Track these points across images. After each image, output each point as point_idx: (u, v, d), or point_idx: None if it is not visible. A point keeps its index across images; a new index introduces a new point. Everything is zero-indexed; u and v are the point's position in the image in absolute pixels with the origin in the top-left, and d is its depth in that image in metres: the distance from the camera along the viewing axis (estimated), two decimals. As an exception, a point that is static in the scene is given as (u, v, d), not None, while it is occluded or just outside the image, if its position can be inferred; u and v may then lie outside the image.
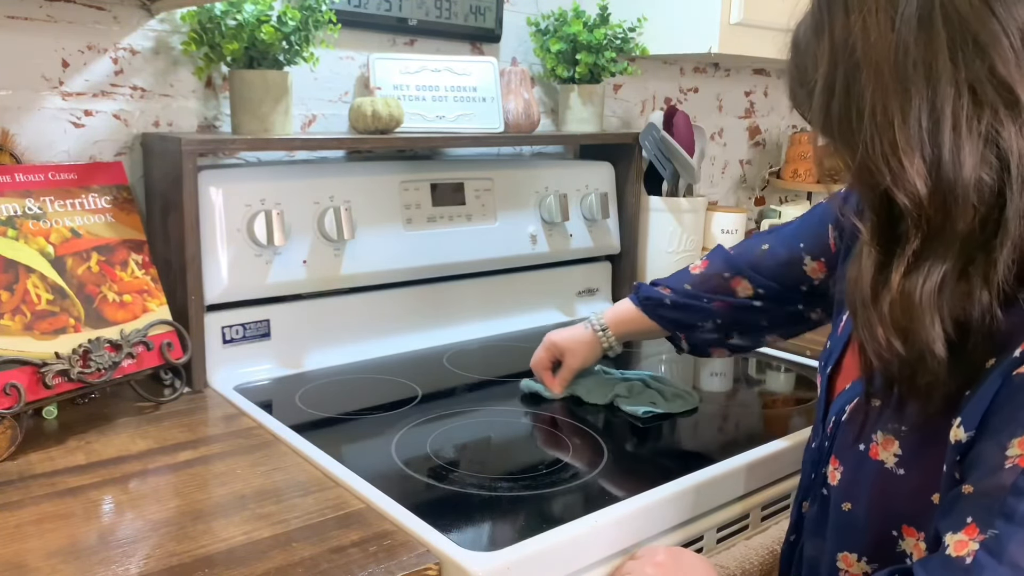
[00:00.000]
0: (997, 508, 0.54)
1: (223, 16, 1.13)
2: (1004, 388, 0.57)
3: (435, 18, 1.43)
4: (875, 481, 0.67)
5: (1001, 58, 0.53)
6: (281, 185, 1.18)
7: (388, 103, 1.24)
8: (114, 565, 0.70)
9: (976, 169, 0.54)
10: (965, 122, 0.54)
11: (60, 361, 0.93)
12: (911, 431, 0.64)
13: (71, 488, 0.83)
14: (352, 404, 1.09)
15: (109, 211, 1.07)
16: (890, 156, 0.56)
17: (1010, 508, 0.54)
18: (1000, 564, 0.53)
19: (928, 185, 0.55)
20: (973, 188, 0.54)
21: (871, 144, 0.57)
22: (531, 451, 0.98)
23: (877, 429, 0.67)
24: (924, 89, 0.55)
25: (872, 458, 0.66)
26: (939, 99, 0.54)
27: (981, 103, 0.54)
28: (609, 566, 0.80)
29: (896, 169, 0.56)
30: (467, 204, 1.37)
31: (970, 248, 0.56)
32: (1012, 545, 0.53)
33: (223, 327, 1.15)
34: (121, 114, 1.17)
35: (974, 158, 0.54)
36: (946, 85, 0.54)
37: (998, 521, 0.54)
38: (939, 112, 0.55)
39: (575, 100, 1.55)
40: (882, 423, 0.66)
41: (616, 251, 1.60)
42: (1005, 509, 0.54)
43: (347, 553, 0.72)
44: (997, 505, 0.55)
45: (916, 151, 0.55)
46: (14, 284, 0.95)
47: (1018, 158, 0.54)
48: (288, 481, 0.86)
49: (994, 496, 0.55)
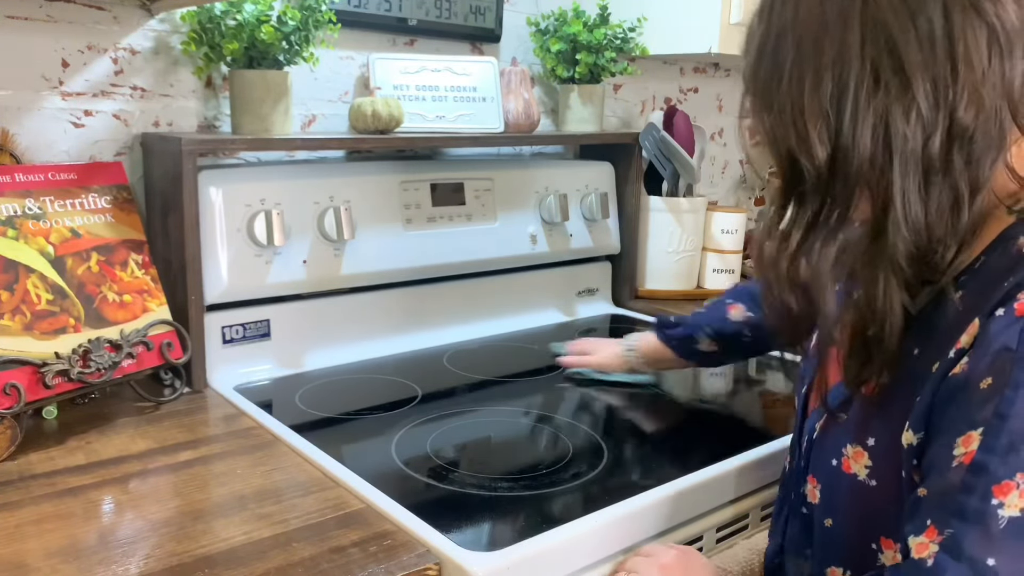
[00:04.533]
0: (950, 507, 0.56)
1: (223, 16, 1.13)
2: (943, 389, 0.59)
3: (435, 18, 1.43)
4: (851, 494, 0.68)
5: (903, 46, 0.57)
6: (281, 185, 1.18)
7: (388, 103, 1.24)
8: (114, 565, 0.70)
9: (871, 144, 0.58)
10: (864, 98, 0.58)
11: (60, 361, 0.93)
12: (877, 443, 0.65)
13: (71, 488, 0.83)
14: (352, 404, 1.09)
15: (109, 211, 1.07)
16: (797, 119, 0.61)
17: (961, 506, 0.55)
18: (959, 562, 0.54)
19: (827, 151, 0.60)
20: (867, 161, 0.58)
21: (783, 107, 0.62)
22: (531, 451, 0.98)
23: (846, 443, 0.68)
24: (836, 63, 0.59)
25: (845, 472, 0.68)
26: (846, 74, 0.58)
27: (879, 83, 0.58)
28: (609, 566, 0.80)
29: (801, 132, 0.60)
30: (467, 204, 1.37)
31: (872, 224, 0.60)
32: (967, 542, 0.54)
33: (223, 327, 1.15)
34: (121, 114, 1.17)
35: (868, 133, 0.58)
36: (854, 61, 0.58)
37: (953, 520, 0.55)
38: (845, 85, 0.59)
39: (575, 100, 1.55)
40: (849, 436, 0.68)
41: (616, 251, 1.60)
42: (957, 507, 0.55)
43: (347, 553, 0.72)
44: (950, 504, 0.56)
45: (820, 118, 0.59)
46: (14, 284, 0.95)
47: (902, 140, 0.57)
48: (288, 481, 0.86)
49: (947, 496, 0.56)
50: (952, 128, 0.57)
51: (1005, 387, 0.55)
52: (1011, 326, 0.55)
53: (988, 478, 0.54)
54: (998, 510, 0.54)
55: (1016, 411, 0.54)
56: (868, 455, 0.66)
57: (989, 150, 0.58)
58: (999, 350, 0.56)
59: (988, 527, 0.54)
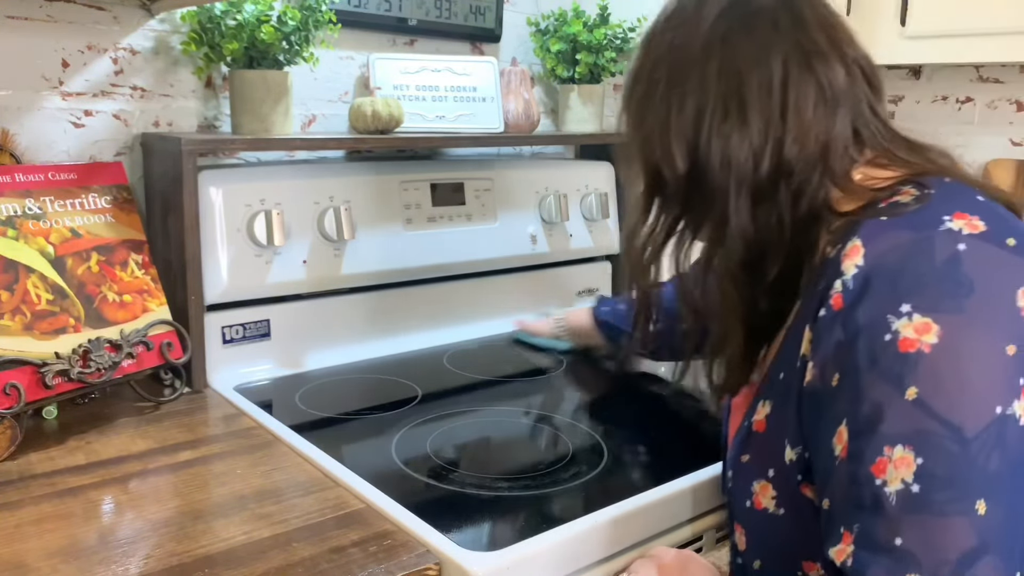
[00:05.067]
0: (849, 504, 0.57)
1: (223, 16, 1.13)
2: (805, 401, 0.63)
3: (435, 18, 1.43)
4: (767, 530, 0.69)
5: (747, 87, 0.67)
6: (281, 185, 1.18)
7: (388, 103, 1.24)
8: (114, 565, 0.70)
9: (717, 164, 0.67)
10: (716, 124, 0.67)
11: (60, 361, 0.93)
12: (776, 472, 0.68)
13: (71, 488, 0.83)
14: (352, 404, 1.09)
15: (109, 211, 1.07)
16: (663, 136, 0.70)
17: (855, 498, 0.57)
18: (876, 554, 0.55)
19: (686, 165, 0.69)
20: (715, 177, 0.68)
21: (652, 124, 0.71)
22: (531, 451, 0.98)
23: (752, 481, 0.70)
24: (696, 91, 0.68)
25: (758, 510, 0.69)
26: (703, 101, 0.68)
27: (726, 114, 0.67)
28: (609, 566, 0.80)
29: (665, 147, 0.70)
30: (467, 204, 1.37)
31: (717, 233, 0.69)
32: (874, 531, 0.55)
33: (223, 327, 1.15)
34: (121, 114, 1.17)
35: (716, 154, 0.67)
36: (711, 92, 0.68)
37: (854, 514, 0.57)
38: (702, 111, 0.68)
39: (575, 100, 1.55)
40: (754, 473, 0.70)
41: (616, 251, 1.59)
42: (853, 501, 0.57)
43: (347, 553, 0.72)
44: (847, 501, 0.57)
45: (682, 136, 0.69)
46: (14, 284, 0.95)
47: (737, 164, 0.67)
48: (288, 481, 0.86)
49: (842, 496, 0.58)
50: (778, 160, 0.66)
51: (850, 374, 0.58)
52: (834, 320, 0.60)
53: (864, 461, 0.56)
54: (884, 488, 0.55)
55: (863, 392, 0.57)
56: (772, 486, 0.68)
57: (810, 183, 0.66)
58: (833, 345, 0.60)
59: (884, 509, 0.55)
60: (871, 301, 0.58)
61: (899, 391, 0.55)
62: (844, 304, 0.60)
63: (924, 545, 0.53)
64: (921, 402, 0.55)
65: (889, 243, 0.60)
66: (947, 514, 0.53)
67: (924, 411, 0.55)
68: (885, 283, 0.58)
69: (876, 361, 0.57)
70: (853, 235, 0.62)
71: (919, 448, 0.54)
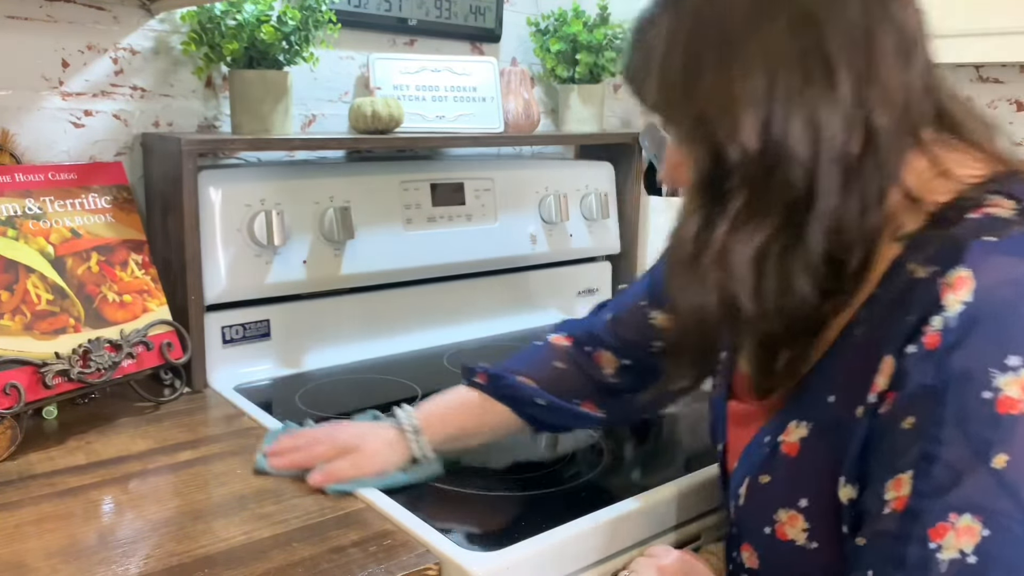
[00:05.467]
0: (890, 556, 0.53)
1: (223, 16, 1.13)
2: (872, 434, 0.56)
3: (435, 18, 1.43)
4: (792, 563, 0.64)
5: (830, 40, 0.55)
6: (281, 185, 1.18)
7: (388, 103, 1.24)
8: (114, 565, 0.70)
9: (801, 138, 0.56)
10: (796, 91, 0.56)
11: (60, 361, 0.93)
12: (811, 503, 0.62)
13: (71, 488, 0.83)
14: (352, 404, 1.08)
15: (109, 211, 1.07)
16: (727, 110, 0.57)
17: (900, 555, 0.52)
18: None
19: (758, 142, 0.56)
20: (795, 156, 0.56)
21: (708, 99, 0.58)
22: (531, 451, 0.98)
23: (777, 508, 0.64)
24: (763, 54, 0.56)
25: (782, 540, 0.63)
26: (774, 65, 0.56)
27: (808, 77, 0.56)
28: (609, 566, 0.80)
29: (731, 123, 0.57)
30: (467, 204, 1.37)
31: (792, 220, 0.57)
32: None
33: (223, 327, 1.15)
34: (121, 114, 1.17)
35: (798, 127, 0.56)
36: (783, 53, 0.56)
37: (889, 569, 0.53)
38: (774, 77, 0.56)
39: (575, 100, 1.55)
40: (780, 500, 0.64)
41: (616, 251, 1.60)
42: (896, 557, 0.52)
43: (347, 553, 0.72)
44: (889, 553, 0.53)
45: (751, 108, 0.56)
46: (14, 284, 0.95)
47: (827, 137, 0.55)
48: (288, 481, 0.86)
49: (884, 544, 0.54)
50: (868, 129, 0.56)
51: (929, 426, 0.52)
52: (925, 361, 0.53)
53: (923, 523, 0.51)
54: (936, 554, 0.50)
55: (942, 451, 0.51)
56: (803, 517, 0.62)
57: (893, 156, 0.57)
58: (917, 387, 0.53)
59: (929, 573, 0.51)
60: (973, 348, 0.51)
61: (983, 460, 0.50)
62: (940, 346, 0.52)
63: None
64: (1004, 474, 0.49)
65: (1002, 275, 0.51)
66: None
67: (1003, 487, 0.49)
68: (993, 327, 0.51)
69: (965, 421, 0.51)
70: (958, 261, 0.52)
71: (990, 519, 0.50)
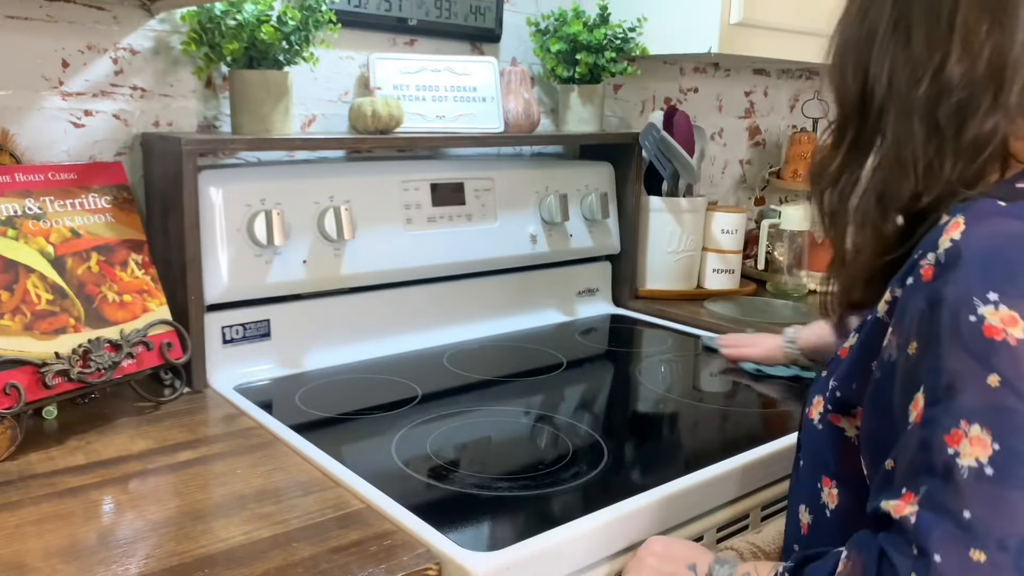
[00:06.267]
0: (918, 467, 0.58)
1: (223, 16, 1.13)
2: (880, 370, 0.65)
3: (435, 18, 1.43)
4: (810, 437, 0.75)
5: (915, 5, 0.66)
6: (281, 185, 1.18)
7: (388, 103, 1.24)
8: (114, 565, 0.70)
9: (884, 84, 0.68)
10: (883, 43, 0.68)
11: (60, 361, 0.93)
12: (830, 391, 0.72)
13: (71, 488, 0.83)
14: (352, 404, 1.09)
15: (109, 211, 1.07)
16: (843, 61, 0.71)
17: (926, 463, 0.57)
18: (941, 517, 0.56)
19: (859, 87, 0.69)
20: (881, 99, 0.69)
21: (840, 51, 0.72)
22: (531, 451, 0.98)
23: (816, 394, 0.75)
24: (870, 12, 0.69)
25: (809, 419, 0.75)
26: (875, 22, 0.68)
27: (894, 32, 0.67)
28: (609, 566, 0.80)
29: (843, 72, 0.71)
30: (467, 204, 1.37)
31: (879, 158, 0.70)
32: (942, 496, 0.56)
33: (223, 327, 1.15)
34: (121, 114, 1.17)
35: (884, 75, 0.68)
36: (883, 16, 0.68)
37: (923, 478, 0.58)
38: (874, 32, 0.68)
39: (575, 100, 1.55)
40: (818, 388, 0.74)
41: (616, 251, 1.60)
42: (923, 465, 0.58)
43: (347, 553, 0.72)
44: (917, 465, 0.58)
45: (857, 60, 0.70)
46: (14, 284, 0.95)
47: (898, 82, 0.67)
48: (288, 481, 0.86)
49: (912, 459, 0.59)
50: (940, 79, 0.64)
51: (929, 343, 0.59)
52: (920, 291, 0.60)
53: (938, 430, 0.57)
54: (956, 459, 0.56)
55: (944, 362, 0.57)
56: (824, 402, 0.73)
57: (976, 108, 0.63)
58: (916, 314, 0.60)
59: (954, 479, 0.56)
60: (959, 280, 0.58)
61: (982, 367, 0.56)
62: (932, 277, 0.60)
63: (993, 518, 0.54)
64: (1005, 387, 0.55)
65: (994, 227, 0.59)
66: (1018, 488, 0.54)
67: (1008, 390, 0.55)
68: (976, 266, 0.58)
69: (959, 335, 0.57)
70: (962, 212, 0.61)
71: (997, 431, 0.55)
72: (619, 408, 1.15)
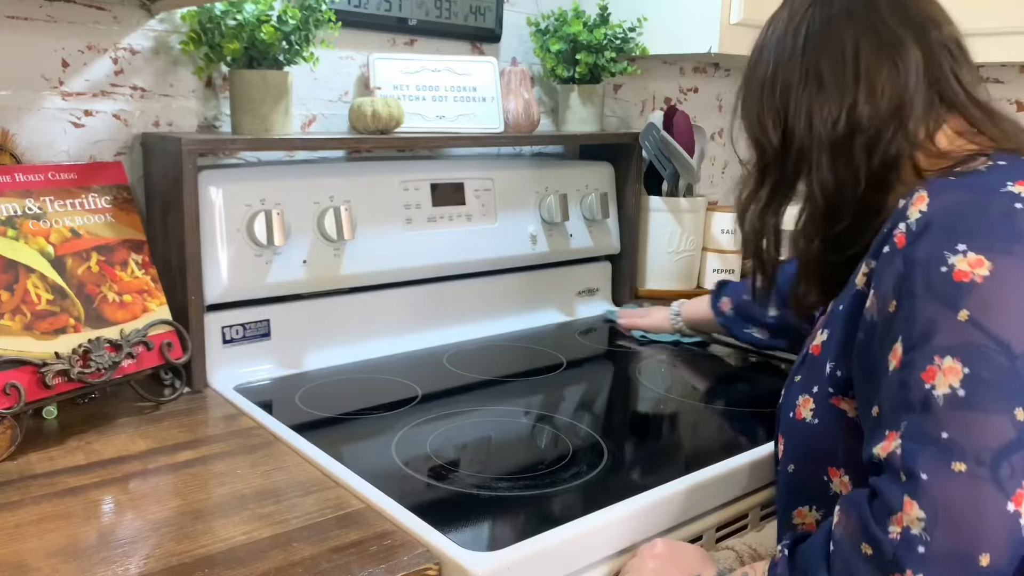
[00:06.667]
0: (899, 407, 0.64)
1: (223, 16, 1.13)
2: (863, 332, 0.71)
3: (435, 18, 1.43)
4: (802, 437, 0.78)
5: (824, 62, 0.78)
6: (281, 185, 1.18)
7: (388, 103, 1.24)
8: (114, 565, 0.70)
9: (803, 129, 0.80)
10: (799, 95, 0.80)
11: (60, 361, 0.93)
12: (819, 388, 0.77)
13: (71, 488, 0.83)
14: (352, 404, 1.09)
15: (109, 211, 1.07)
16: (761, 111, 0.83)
17: (905, 400, 0.64)
18: (923, 444, 0.61)
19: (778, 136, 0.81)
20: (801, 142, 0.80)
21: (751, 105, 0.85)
22: (531, 451, 0.98)
23: (799, 395, 0.79)
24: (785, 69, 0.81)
25: (798, 420, 0.79)
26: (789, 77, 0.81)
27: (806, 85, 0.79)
28: (609, 566, 0.80)
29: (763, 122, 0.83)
30: (467, 204, 1.37)
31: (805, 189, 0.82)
32: (922, 426, 0.62)
33: (223, 327, 1.15)
34: (121, 114, 1.17)
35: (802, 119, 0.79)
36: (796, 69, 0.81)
37: (903, 415, 0.64)
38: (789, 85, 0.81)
39: (575, 100, 1.55)
40: (800, 389, 0.79)
41: (616, 251, 1.60)
42: (903, 403, 0.64)
43: (347, 553, 0.72)
44: (898, 405, 0.64)
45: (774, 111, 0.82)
46: (14, 284, 0.95)
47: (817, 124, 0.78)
48: (288, 481, 0.86)
49: (893, 401, 0.65)
50: (853, 119, 0.75)
51: (904, 297, 0.66)
52: (895, 256, 0.68)
53: (915, 370, 0.63)
54: (932, 391, 0.62)
55: (918, 313, 0.65)
56: (812, 400, 0.77)
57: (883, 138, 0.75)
58: (893, 277, 0.67)
59: (932, 408, 0.62)
60: (930, 240, 0.66)
61: (952, 311, 0.63)
62: (906, 243, 0.67)
63: (968, 436, 0.60)
64: (973, 321, 0.62)
65: (953, 198, 0.67)
66: (990, 411, 0.60)
67: (976, 328, 0.62)
68: (944, 226, 0.66)
69: (931, 287, 0.64)
70: (920, 189, 0.69)
71: (967, 359, 0.61)
72: (619, 408, 1.15)
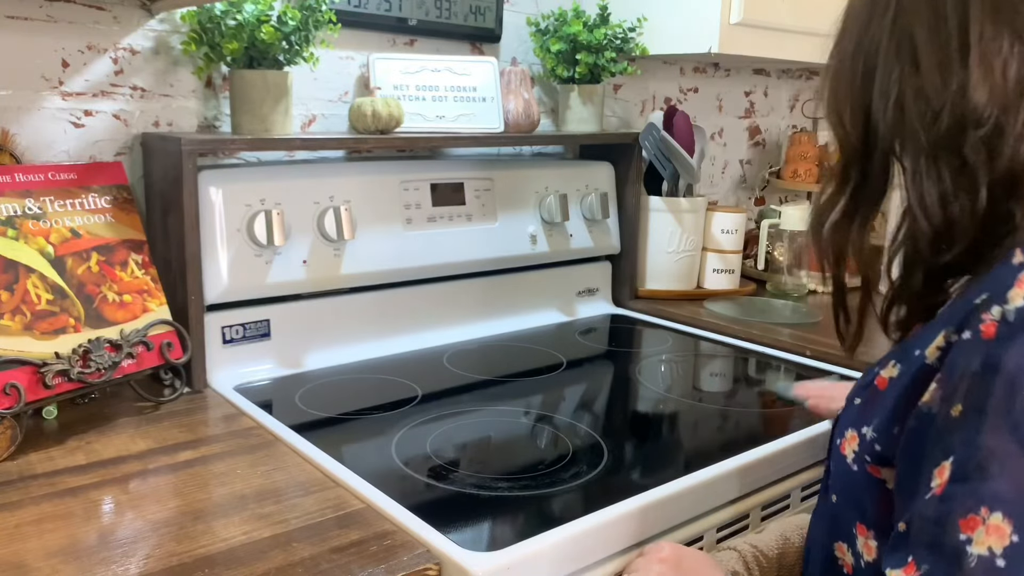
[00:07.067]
0: (925, 541, 0.54)
1: (223, 16, 1.13)
2: (914, 418, 0.58)
3: (435, 18, 1.43)
4: (843, 474, 0.67)
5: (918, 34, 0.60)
6: (281, 185, 1.18)
7: (388, 103, 1.24)
8: (114, 565, 0.70)
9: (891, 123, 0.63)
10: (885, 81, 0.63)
11: (60, 361, 0.93)
12: (871, 431, 0.64)
13: (71, 488, 0.83)
14: (352, 404, 1.09)
15: (109, 211, 1.07)
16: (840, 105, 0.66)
17: (935, 540, 0.53)
18: None
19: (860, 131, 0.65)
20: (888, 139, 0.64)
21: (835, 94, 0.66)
22: (531, 451, 0.98)
23: (848, 426, 0.67)
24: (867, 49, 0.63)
25: (841, 453, 0.67)
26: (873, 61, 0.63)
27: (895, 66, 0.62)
28: (609, 566, 0.80)
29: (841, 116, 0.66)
30: (467, 204, 1.37)
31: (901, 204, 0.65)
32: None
33: (223, 327, 1.15)
34: (121, 114, 1.17)
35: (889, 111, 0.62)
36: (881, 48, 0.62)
37: (928, 555, 0.53)
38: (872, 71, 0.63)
39: (575, 100, 1.55)
40: (853, 420, 0.67)
41: (616, 251, 1.60)
42: (931, 541, 0.53)
43: (347, 553, 0.72)
44: (925, 538, 0.54)
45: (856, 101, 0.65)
46: (14, 284, 0.95)
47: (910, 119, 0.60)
48: (288, 481, 0.86)
49: (923, 529, 0.54)
50: (962, 108, 0.56)
51: (971, 413, 0.53)
52: (977, 349, 0.54)
53: (955, 511, 0.52)
54: (967, 547, 0.51)
55: (982, 438, 0.52)
56: (858, 440, 0.65)
57: (1008, 134, 0.55)
58: (967, 375, 0.54)
59: (961, 566, 0.51)
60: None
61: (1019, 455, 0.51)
62: (995, 336, 0.53)
63: None
64: None
65: None
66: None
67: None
68: None
69: (1010, 411, 0.51)
70: None
71: (1020, 523, 0.50)
72: (619, 408, 1.15)
